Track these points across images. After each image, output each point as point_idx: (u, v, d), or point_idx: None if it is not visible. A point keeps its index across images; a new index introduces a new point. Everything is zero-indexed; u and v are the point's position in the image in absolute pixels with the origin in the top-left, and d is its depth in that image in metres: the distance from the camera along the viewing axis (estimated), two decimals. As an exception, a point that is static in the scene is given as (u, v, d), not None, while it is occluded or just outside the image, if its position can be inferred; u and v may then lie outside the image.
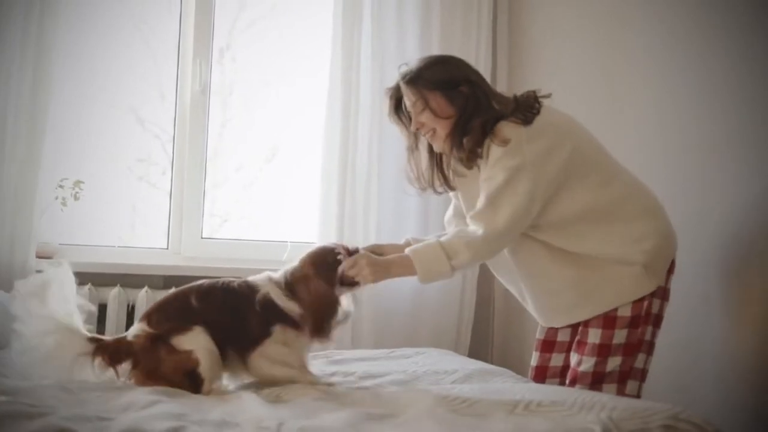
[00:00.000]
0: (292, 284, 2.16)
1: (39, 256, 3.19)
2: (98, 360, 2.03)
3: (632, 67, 2.98)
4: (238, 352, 2.10)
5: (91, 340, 2.06)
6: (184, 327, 2.04)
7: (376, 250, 2.32)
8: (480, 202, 2.23)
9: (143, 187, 3.69)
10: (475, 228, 2.21)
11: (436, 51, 3.59)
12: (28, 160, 3.13)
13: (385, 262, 2.24)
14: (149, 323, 2.08)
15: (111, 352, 2.05)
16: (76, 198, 3.36)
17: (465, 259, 2.21)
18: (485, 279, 3.68)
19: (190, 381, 2.02)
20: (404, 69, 2.35)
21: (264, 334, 2.10)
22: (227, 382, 2.16)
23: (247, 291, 2.14)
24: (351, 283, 2.20)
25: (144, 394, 1.86)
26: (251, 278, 2.19)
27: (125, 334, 2.13)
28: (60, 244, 3.35)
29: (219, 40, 3.70)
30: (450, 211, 2.58)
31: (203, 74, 3.59)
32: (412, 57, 3.47)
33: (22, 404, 1.67)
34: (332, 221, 3.50)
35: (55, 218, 3.33)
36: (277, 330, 2.10)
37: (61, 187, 3.34)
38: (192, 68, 3.59)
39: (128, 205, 3.68)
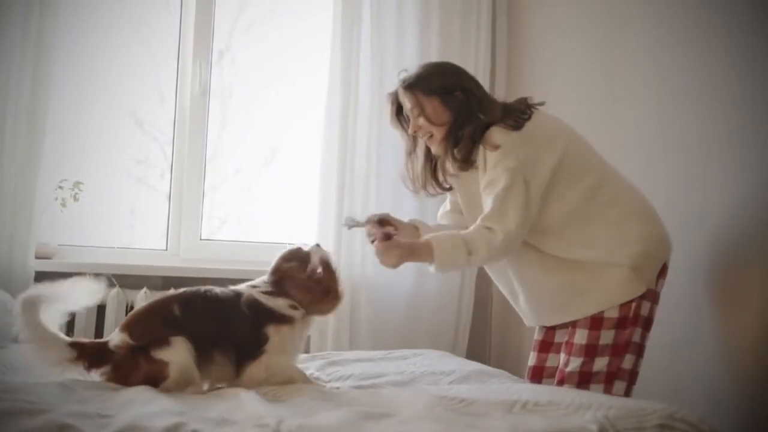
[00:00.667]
0: (275, 281, 2.16)
1: (38, 257, 3.19)
2: (79, 365, 2.01)
3: (632, 67, 2.97)
4: (230, 358, 2.06)
5: (72, 345, 2.02)
6: (164, 339, 2.01)
7: (386, 219, 2.46)
8: (487, 206, 2.26)
9: (142, 189, 3.69)
10: (489, 230, 2.23)
11: (435, 51, 3.61)
12: (27, 160, 3.14)
13: (409, 246, 2.30)
14: (131, 335, 2.03)
15: (91, 359, 2.02)
16: (75, 199, 3.37)
17: (482, 257, 2.27)
18: (483, 281, 3.67)
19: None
20: (403, 75, 2.43)
21: (257, 337, 2.07)
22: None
23: (231, 295, 2.12)
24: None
25: (144, 392, 1.86)
26: (232, 287, 2.18)
27: (106, 339, 2.08)
28: (59, 244, 3.36)
29: (218, 41, 3.70)
30: (446, 206, 2.64)
31: (203, 76, 3.60)
32: (411, 58, 3.52)
33: (23, 401, 1.67)
34: (331, 222, 3.49)
35: (55, 219, 3.34)
36: (271, 331, 2.08)
37: (60, 188, 3.35)
38: (192, 70, 3.59)
39: (127, 206, 3.68)
